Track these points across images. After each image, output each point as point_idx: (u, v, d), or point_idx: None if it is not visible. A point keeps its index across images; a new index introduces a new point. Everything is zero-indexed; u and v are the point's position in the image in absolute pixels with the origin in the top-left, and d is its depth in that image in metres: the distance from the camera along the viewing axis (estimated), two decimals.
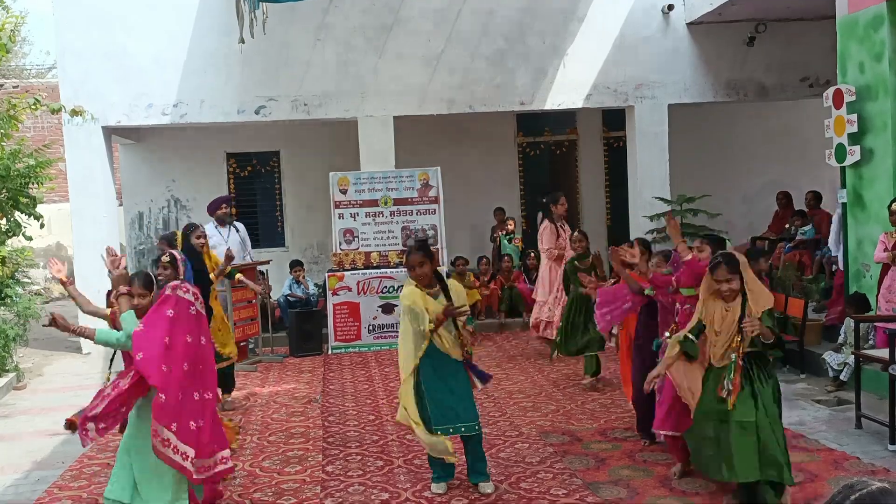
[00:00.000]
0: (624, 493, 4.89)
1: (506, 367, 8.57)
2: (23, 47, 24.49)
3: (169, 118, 10.69)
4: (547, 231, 8.76)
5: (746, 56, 11.39)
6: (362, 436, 6.31)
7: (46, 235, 12.74)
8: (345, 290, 9.91)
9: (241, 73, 10.64)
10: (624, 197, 12.14)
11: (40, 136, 14.95)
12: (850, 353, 6.76)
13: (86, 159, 10.48)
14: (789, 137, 13.25)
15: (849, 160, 7.54)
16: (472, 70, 11.03)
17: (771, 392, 4.45)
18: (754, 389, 4.40)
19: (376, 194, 10.45)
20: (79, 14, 10.48)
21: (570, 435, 6.09)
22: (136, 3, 10.53)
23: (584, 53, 11.13)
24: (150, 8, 10.52)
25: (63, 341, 11.04)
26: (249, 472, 5.56)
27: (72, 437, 6.64)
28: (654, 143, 11.32)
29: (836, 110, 7.65)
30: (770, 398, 4.43)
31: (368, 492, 5.08)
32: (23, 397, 8.24)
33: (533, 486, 5.04)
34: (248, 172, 13.41)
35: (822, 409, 6.54)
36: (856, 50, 7.48)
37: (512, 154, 13.71)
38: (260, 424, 6.75)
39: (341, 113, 10.94)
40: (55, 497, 5.24)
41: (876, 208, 7.27)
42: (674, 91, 11.34)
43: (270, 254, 11.72)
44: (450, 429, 4.90)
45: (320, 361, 9.37)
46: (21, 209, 9.64)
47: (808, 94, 11.47)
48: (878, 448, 5.55)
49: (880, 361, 5.95)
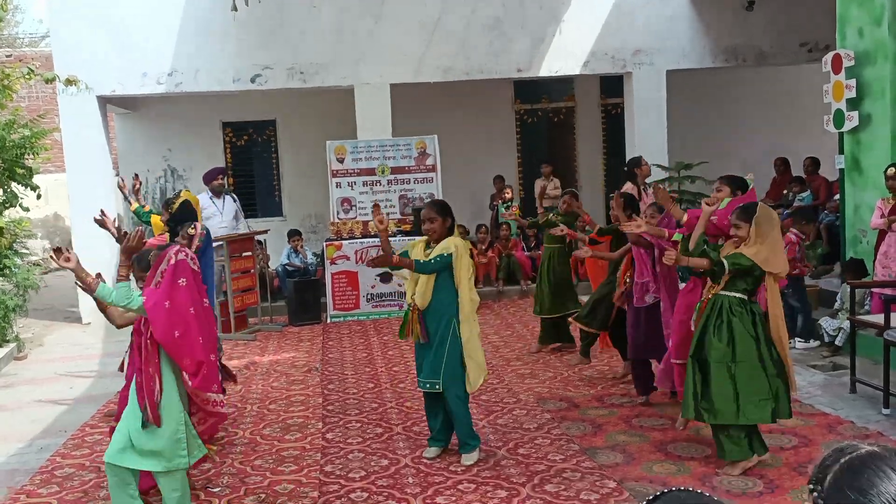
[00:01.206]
0: (620, 458, 4.95)
1: (504, 335, 8.62)
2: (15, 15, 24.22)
3: (164, 87, 10.62)
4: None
5: (745, 21, 11.30)
6: (361, 403, 6.37)
7: (44, 206, 12.71)
8: (343, 259, 9.92)
9: (236, 41, 10.55)
10: (622, 164, 12.09)
11: (35, 106, 14.85)
12: (846, 319, 6.80)
13: (81, 129, 10.42)
14: (788, 103, 13.19)
15: (847, 126, 7.52)
16: (468, 37, 10.94)
17: (746, 332, 4.53)
18: (716, 329, 4.54)
19: (373, 163, 10.42)
20: None
21: (567, 401, 6.15)
22: None
23: (581, 20, 11.04)
24: None
25: (63, 311, 11.08)
26: (250, 439, 5.62)
27: (73, 405, 6.73)
28: (652, 109, 11.26)
29: (834, 75, 7.61)
30: (728, 338, 4.52)
31: (368, 458, 5.14)
32: (24, 367, 8.29)
33: (531, 452, 5.10)
34: (244, 142, 13.36)
35: (818, 375, 6.60)
36: (855, 14, 7.42)
37: (509, 121, 13.65)
38: (260, 393, 6.81)
39: (337, 81, 10.87)
40: (58, 465, 5.30)
41: (873, 174, 7.26)
42: (672, 57, 11.27)
43: (268, 223, 11.72)
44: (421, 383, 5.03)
45: (319, 330, 9.41)
46: (17, 180, 9.61)
47: (807, 58, 11.40)
48: (872, 412, 5.61)
49: (875, 326, 5.99)
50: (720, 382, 4.52)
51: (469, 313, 4.94)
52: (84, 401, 6.87)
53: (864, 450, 1.36)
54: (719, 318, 4.58)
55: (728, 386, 4.50)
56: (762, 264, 4.50)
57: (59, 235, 16.37)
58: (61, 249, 4.16)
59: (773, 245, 4.55)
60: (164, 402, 4.16)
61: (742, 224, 4.53)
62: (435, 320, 4.89)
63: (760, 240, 4.49)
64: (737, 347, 4.52)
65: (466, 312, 4.92)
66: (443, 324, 4.89)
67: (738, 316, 4.55)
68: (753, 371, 4.51)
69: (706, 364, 4.60)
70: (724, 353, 4.52)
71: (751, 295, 4.63)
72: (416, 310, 4.89)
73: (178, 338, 4.13)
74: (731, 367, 4.51)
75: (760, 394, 4.50)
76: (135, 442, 4.13)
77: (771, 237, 4.53)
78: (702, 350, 4.63)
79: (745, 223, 4.52)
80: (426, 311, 4.89)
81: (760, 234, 4.49)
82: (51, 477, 5.10)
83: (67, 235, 14.38)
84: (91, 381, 7.56)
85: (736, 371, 4.50)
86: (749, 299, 4.62)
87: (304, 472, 4.98)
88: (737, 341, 4.52)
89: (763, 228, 4.50)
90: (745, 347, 4.52)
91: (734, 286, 4.59)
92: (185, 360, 4.19)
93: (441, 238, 4.93)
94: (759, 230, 4.49)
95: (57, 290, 12.24)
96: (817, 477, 1.36)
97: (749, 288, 4.60)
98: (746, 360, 4.52)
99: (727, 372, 4.51)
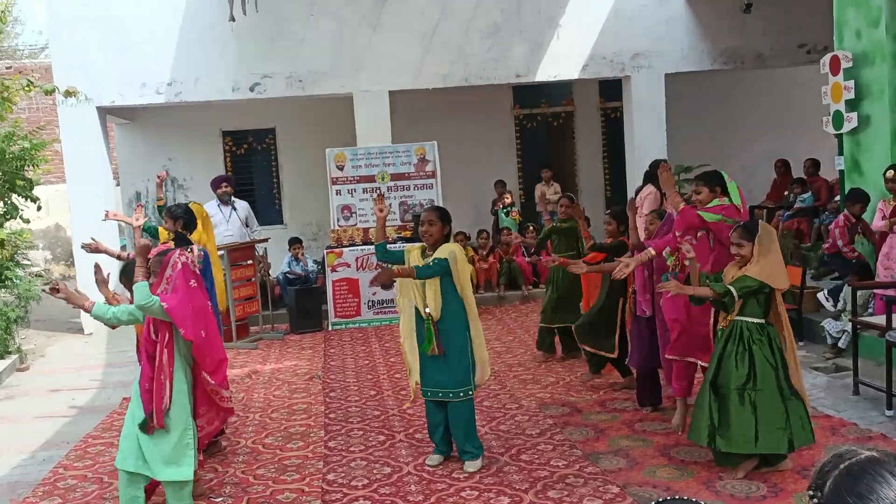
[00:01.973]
0: (623, 462, 4.94)
1: (505, 341, 8.60)
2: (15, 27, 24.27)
3: (163, 97, 10.64)
4: (651, 196, 8.22)
5: (744, 23, 11.31)
6: (364, 411, 6.36)
7: (45, 217, 12.74)
8: (344, 266, 9.92)
9: (235, 50, 10.57)
10: (622, 168, 12.11)
11: (35, 118, 14.88)
12: (849, 321, 6.79)
13: (81, 140, 10.44)
14: (787, 105, 13.19)
15: (846, 127, 7.52)
16: (466, 43, 10.96)
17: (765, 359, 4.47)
18: (736, 355, 4.46)
19: (373, 170, 10.42)
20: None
21: (569, 406, 6.14)
22: None
23: (579, 24, 11.05)
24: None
25: (65, 322, 11.08)
26: (252, 448, 5.61)
27: (76, 417, 6.73)
28: (651, 113, 11.27)
29: (833, 77, 7.62)
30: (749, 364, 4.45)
31: (371, 466, 5.13)
32: (26, 379, 8.29)
33: (533, 458, 5.09)
34: (244, 150, 13.37)
35: (820, 377, 6.58)
36: (852, 16, 7.42)
37: (509, 127, 13.66)
38: (262, 401, 6.80)
39: (336, 88, 10.88)
40: (60, 476, 5.29)
41: (873, 175, 7.26)
42: (671, 60, 11.28)
43: (269, 231, 11.72)
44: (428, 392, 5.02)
45: (321, 338, 9.41)
46: (18, 192, 9.62)
47: (805, 60, 11.40)
48: (875, 414, 5.59)
49: (878, 328, 5.98)
50: (739, 411, 4.43)
51: (475, 314, 5.04)
52: (86, 412, 6.86)
53: (864, 455, 1.36)
54: (740, 344, 4.49)
55: (747, 414, 4.42)
56: (768, 280, 4.45)
57: (60, 246, 16.40)
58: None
59: (776, 260, 4.51)
60: (173, 409, 4.19)
61: (745, 243, 4.48)
62: (448, 329, 4.91)
63: (763, 257, 4.46)
64: (757, 375, 4.44)
65: (474, 313, 5.02)
66: (458, 332, 4.94)
67: (758, 344, 4.48)
68: (773, 399, 4.44)
69: (724, 391, 4.50)
70: (744, 380, 4.44)
71: (766, 316, 4.56)
72: (433, 321, 4.91)
73: (205, 337, 4.24)
74: (752, 394, 4.43)
75: (778, 423, 4.43)
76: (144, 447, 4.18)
77: (772, 252, 4.49)
78: (719, 377, 4.53)
79: (748, 242, 4.47)
80: (439, 322, 4.91)
81: (763, 251, 4.46)
82: (53, 489, 5.09)
83: (68, 246, 14.40)
84: (93, 392, 7.55)
85: (756, 399, 4.43)
86: (766, 321, 4.55)
87: (306, 480, 4.97)
88: (757, 369, 4.45)
89: (765, 245, 4.46)
90: (765, 375, 4.45)
91: (749, 310, 4.51)
92: (208, 358, 4.32)
93: (437, 244, 4.95)
94: (762, 247, 4.46)
95: (58, 301, 12.24)
96: (817, 483, 1.35)
97: (763, 309, 4.52)
98: (766, 388, 4.44)
99: (747, 400, 4.43)
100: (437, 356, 4.91)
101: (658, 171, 5.42)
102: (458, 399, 4.94)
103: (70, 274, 15.03)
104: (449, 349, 4.91)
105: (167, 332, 4.23)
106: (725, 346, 4.54)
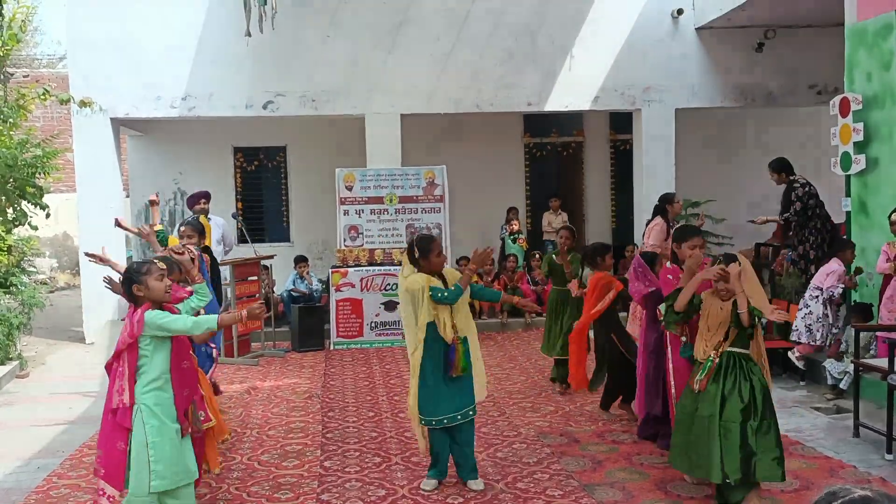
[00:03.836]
0: (619, 495, 4.91)
1: (506, 368, 8.58)
2: (34, 36, 24.55)
3: (177, 111, 10.74)
4: (657, 228, 8.26)
5: (755, 62, 11.39)
6: (361, 432, 6.33)
7: (53, 225, 12.83)
8: (348, 286, 9.94)
9: (250, 67, 10.68)
10: (630, 200, 12.14)
11: (49, 126, 15.03)
12: (851, 362, 6.75)
13: (94, 150, 10.53)
14: (796, 144, 13.22)
15: (854, 169, 7.53)
16: (480, 70, 11.05)
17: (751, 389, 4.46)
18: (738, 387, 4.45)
19: (382, 191, 10.47)
20: (90, 5, 10.53)
21: (568, 436, 6.11)
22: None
23: (592, 56, 11.15)
24: (161, 0, 10.58)
25: (67, 331, 11.10)
26: (247, 465, 5.59)
27: (72, 426, 6.72)
28: (660, 146, 11.32)
29: (842, 118, 7.65)
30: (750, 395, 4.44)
31: (365, 487, 5.10)
32: (26, 386, 8.30)
33: (529, 487, 5.06)
34: (254, 167, 13.46)
35: (821, 417, 6.54)
36: (864, 58, 7.47)
37: (518, 154, 13.73)
38: (260, 419, 6.78)
39: (349, 109, 10.97)
40: (53, 485, 5.28)
41: (880, 217, 7.26)
42: (682, 95, 11.35)
43: (275, 249, 11.77)
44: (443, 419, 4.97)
45: (322, 357, 9.40)
46: (27, 199, 9.69)
47: (815, 101, 11.46)
48: (875, 457, 5.55)
49: (880, 370, 5.95)
50: (744, 442, 4.39)
51: (473, 327, 5.14)
52: (83, 421, 6.85)
53: (857, 493, 1.36)
54: (740, 376, 4.47)
55: (750, 444, 4.39)
56: (764, 310, 4.49)
57: (66, 255, 16.47)
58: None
59: (759, 289, 4.54)
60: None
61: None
62: (467, 350, 5.01)
63: (749, 287, 4.48)
64: (757, 406, 4.43)
65: (472, 326, 5.12)
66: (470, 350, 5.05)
67: (756, 374, 4.50)
68: (770, 427, 4.44)
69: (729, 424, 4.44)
70: (747, 411, 4.42)
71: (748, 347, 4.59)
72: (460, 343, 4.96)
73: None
74: (754, 424, 4.41)
75: (773, 452, 4.41)
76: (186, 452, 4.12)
77: (754, 281, 4.52)
78: (724, 412, 4.47)
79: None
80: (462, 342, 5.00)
81: (747, 279, 4.49)
82: (46, 497, 5.07)
83: (75, 255, 14.45)
84: (91, 401, 7.54)
85: (757, 428, 4.41)
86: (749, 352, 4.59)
87: (300, 499, 4.95)
88: (757, 399, 4.44)
89: (749, 275, 4.50)
90: (764, 405, 4.46)
91: (741, 341, 4.51)
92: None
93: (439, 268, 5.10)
94: (747, 277, 4.49)
95: (62, 309, 12.30)
96: None
97: (748, 340, 4.55)
98: (765, 417, 4.45)
99: (748, 430, 4.40)
100: (458, 378, 4.97)
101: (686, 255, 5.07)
102: (470, 417, 5.02)
103: (75, 283, 15.08)
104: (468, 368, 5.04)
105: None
106: (724, 380, 4.51)
